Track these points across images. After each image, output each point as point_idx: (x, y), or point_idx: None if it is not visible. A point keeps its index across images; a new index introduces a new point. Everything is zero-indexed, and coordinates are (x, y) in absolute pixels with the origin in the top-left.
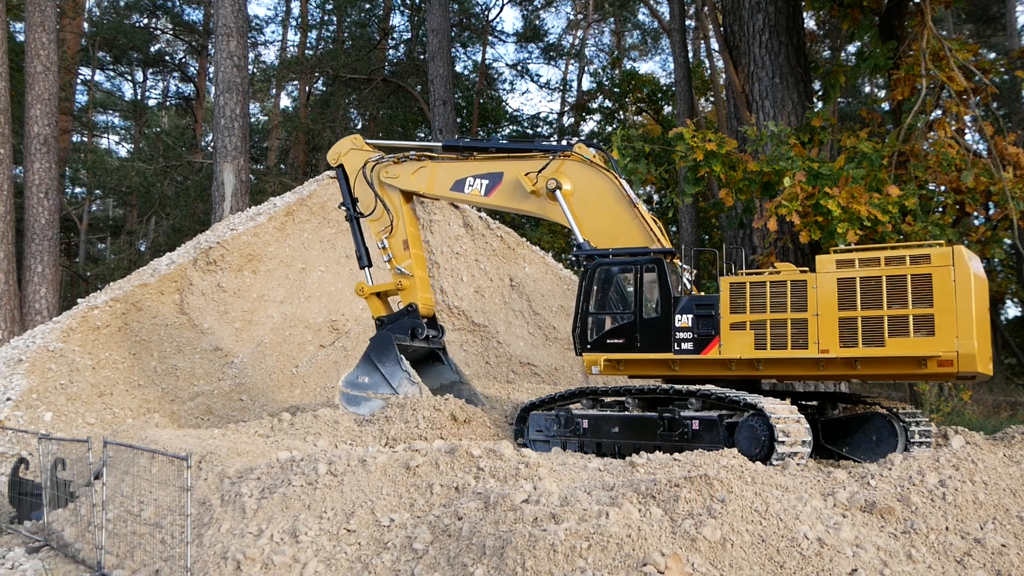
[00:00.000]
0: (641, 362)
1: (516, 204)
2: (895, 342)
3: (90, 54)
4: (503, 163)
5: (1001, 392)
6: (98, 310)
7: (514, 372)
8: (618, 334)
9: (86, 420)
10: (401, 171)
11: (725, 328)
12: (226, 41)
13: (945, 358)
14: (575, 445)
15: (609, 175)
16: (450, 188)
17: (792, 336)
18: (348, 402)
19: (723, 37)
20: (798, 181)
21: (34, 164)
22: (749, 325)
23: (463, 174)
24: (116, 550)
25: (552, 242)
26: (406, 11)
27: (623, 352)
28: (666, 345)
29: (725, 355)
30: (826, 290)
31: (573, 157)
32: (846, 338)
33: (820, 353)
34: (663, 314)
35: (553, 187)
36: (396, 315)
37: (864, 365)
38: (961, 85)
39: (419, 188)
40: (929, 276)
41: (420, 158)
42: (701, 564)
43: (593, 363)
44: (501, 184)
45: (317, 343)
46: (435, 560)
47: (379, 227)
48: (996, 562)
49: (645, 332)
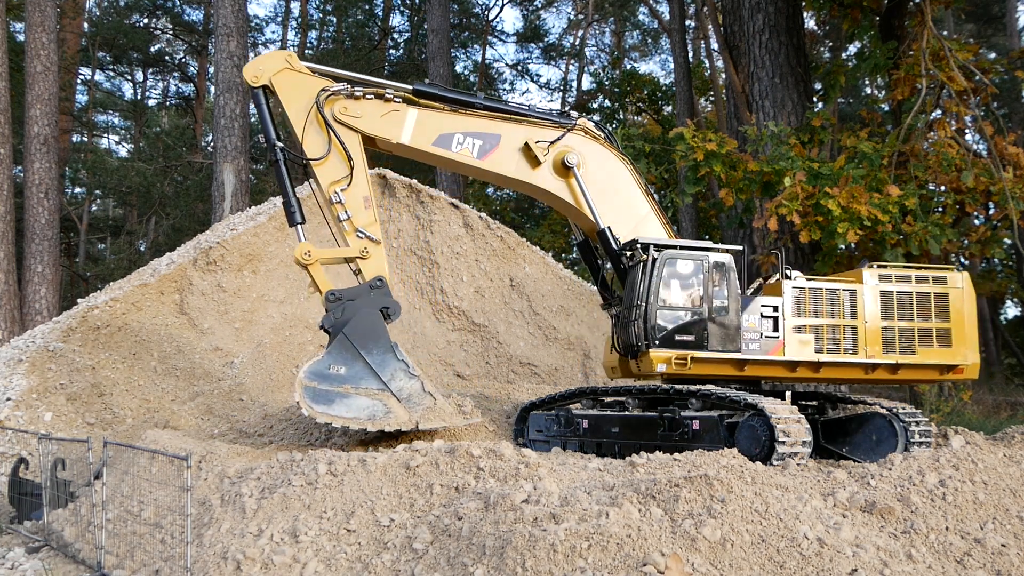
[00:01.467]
0: (711, 360)
1: (514, 173)
2: (923, 351)
3: (90, 54)
4: (501, 124)
5: (1001, 392)
6: (98, 310)
7: (514, 372)
8: (688, 331)
9: (86, 420)
10: (365, 110)
11: (789, 330)
12: (226, 41)
13: (959, 367)
14: (575, 445)
15: (620, 155)
16: (432, 142)
17: (845, 341)
18: (314, 400)
19: (723, 37)
20: (798, 181)
21: (34, 164)
22: (808, 328)
23: (450, 128)
24: (116, 550)
25: (552, 242)
26: (406, 11)
27: (693, 350)
28: (735, 344)
29: (789, 356)
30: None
31: (579, 132)
32: (888, 345)
33: (868, 358)
34: (733, 313)
35: (572, 162)
36: (359, 290)
37: (903, 371)
38: (961, 85)
39: (389, 135)
40: (947, 295)
41: (393, 99)
42: (701, 564)
43: (662, 361)
44: (498, 148)
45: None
46: (435, 560)
47: (333, 176)
48: (996, 562)
49: (715, 330)
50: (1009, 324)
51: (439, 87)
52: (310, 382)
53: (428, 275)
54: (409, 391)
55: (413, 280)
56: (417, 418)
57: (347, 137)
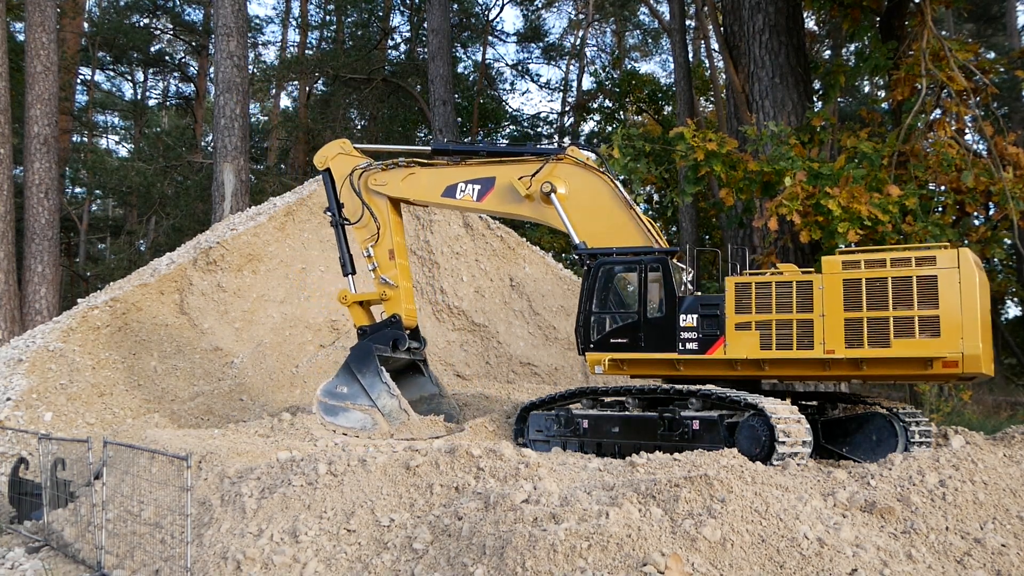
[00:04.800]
0: (645, 362)
1: (509, 208)
2: (901, 343)
3: (90, 54)
4: (495, 168)
5: (1001, 392)
6: (98, 310)
7: (514, 372)
8: (622, 334)
9: (86, 420)
10: (390, 178)
11: (730, 328)
12: (226, 41)
13: (951, 359)
14: (575, 445)
15: (604, 177)
16: (441, 194)
17: (798, 337)
18: (325, 412)
19: (723, 37)
20: (798, 181)
21: (34, 164)
22: (755, 325)
23: (454, 179)
24: (116, 550)
25: (552, 242)
26: (406, 11)
27: (627, 352)
28: (670, 345)
29: (730, 355)
30: (832, 291)
31: (566, 160)
32: (852, 339)
33: (826, 354)
34: (667, 313)
35: (548, 190)
36: (378, 325)
37: (870, 366)
38: (961, 85)
39: (409, 195)
40: (935, 278)
41: (409, 164)
42: (701, 564)
43: (596, 363)
44: (493, 189)
45: (317, 343)
46: (435, 560)
47: (365, 235)
48: (996, 562)
49: (649, 332)
50: (1009, 324)
51: (449, 144)
52: (323, 398)
53: (428, 275)
54: (390, 408)
55: (413, 280)
56: (393, 431)
57: (377, 202)
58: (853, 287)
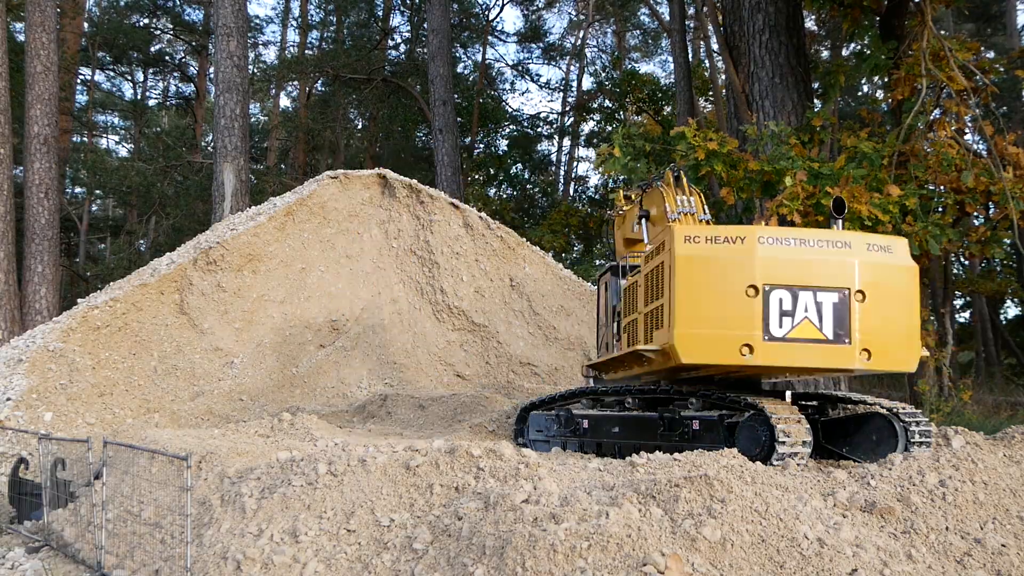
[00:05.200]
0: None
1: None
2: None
3: (90, 54)
4: None
5: (1001, 392)
6: (98, 310)
7: (514, 372)
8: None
9: (86, 420)
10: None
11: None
12: (226, 41)
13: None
14: (575, 445)
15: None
16: None
17: None
18: None
19: (723, 37)
20: (799, 181)
21: (34, 164)
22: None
23: None
24: (116, 550)
25: (552, 242)
26: (406, 11)
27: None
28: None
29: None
30: None
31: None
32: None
33: None
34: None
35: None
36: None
37: None
38: (961, 85)
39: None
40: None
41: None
42: (701, 564)
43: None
44: None
45: (317, 343)
46: (435, 560)
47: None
48: (996, 562)
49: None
50: (1009, 324)
51: None
52: None
53: (428, 275)
54: None
55: (413, 280)
56: None
57: None
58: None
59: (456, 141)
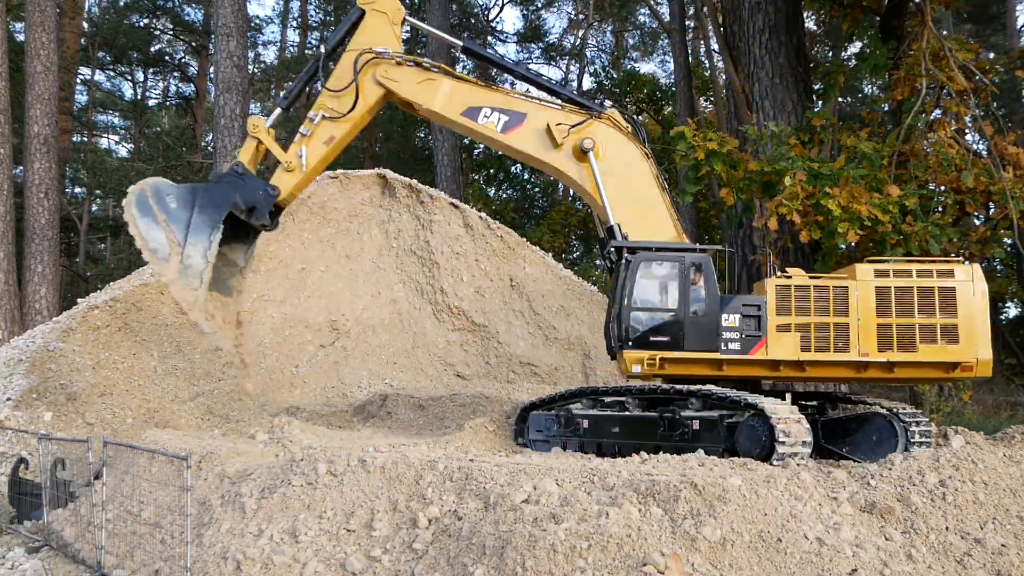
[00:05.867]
0: (687, 361)
1: (534, 151)
2: (925, 348)
3: (90, 54)
4: (528, 104)
5: (1001, 392)
6: (98, 310)
7: (514, 372)
8: (663, 332)
9: (86, 420)
10: (404, 76)
11: (772, 329)
12: (226, 41)
13: (967, 364)
14: (575, 445)
15: (641, 149)
16: (461, 112)
17: (835, 339)
18: (138, 204)
19: (723, 37)
20: (798, 181)
21: (34, 164)
22: (794, 327)
23: (479, 102)
24: (116, 550)
25: (552, 242)
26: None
27: (668, 350)
28: (713, 344)
29: (772, 356)
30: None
31: (606, 120)
32: (883, 343)
33: (860, 356)
34: (710, 313)
35: (588, 147)
36: (255, 181)
37: (900, 368)
38: (961, 85)
39: (421, 101)
40: (954, 289)
41: (432, 68)
42: (701, 564)
43: (636, 362)
44: (522, 125)
45: (317, 343)
46: (435, 560)
47: (329, 105)
48: (996, 562)
49: (691, 330)
50: (1009, 324)
51: (486, 50)
52: (149, 192)
53: (428, 275)
54: (192, 264)
55: (413, 280)
56: (176, 285)
57: (370, 92)
58: (884, 293)
59: (456, 141)
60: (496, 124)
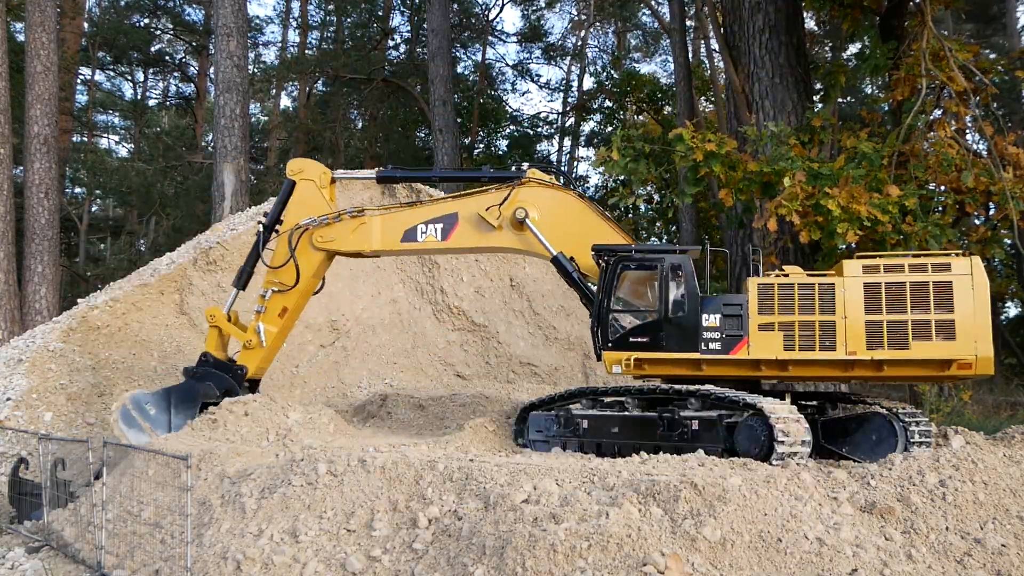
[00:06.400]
0: (667, 361)
1: (478, 242)
2: (919, 345)
3: (90, 54)
4: (453, 203)
5: (1001, 392)
6: (98, 310)
7: (514, 372)
8: (643, 333)
9: (86, 420)
10: (338, 232)
11: (754, 329)
12: (226, 41)
13: (965, 361)
14: (575, 445)
15: (573, 193)
16: (401, 240)
17: (820, 338)
18: (124, 418)
19: (723, 37)
20: (798, 181)
21: (34, 164)
22: (777, 326)
23: (412, 222)
24: (116, 550)
25: None
26: (406, 11)
27: (648, 351)
28: (693, 344)
29: (754, 355)
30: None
31: (529, 183)
32: (872, 341)
33: (848, 355)
34: (690, 313)
35: (522, 216)
36: (221, 366)
37: (890, 367)
38: (961, 85)
39: (364, 247)
40: (950, 284)
41: (358, 214)
42: (701, 564)
43: (616, 362)
44: (458, 225)
45: (317, 343)
46: (435, 560)
47: (274, 279)
48: (996, 562)
49: (670, 331)
50: (1009, 324)
51: (395, 171)
52: (130, 405)
53: (428, 275)
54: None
55: (413, 280)
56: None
57: (312, 259)
58: (873, 290)
59: (456, 141)
60: (435, 235)
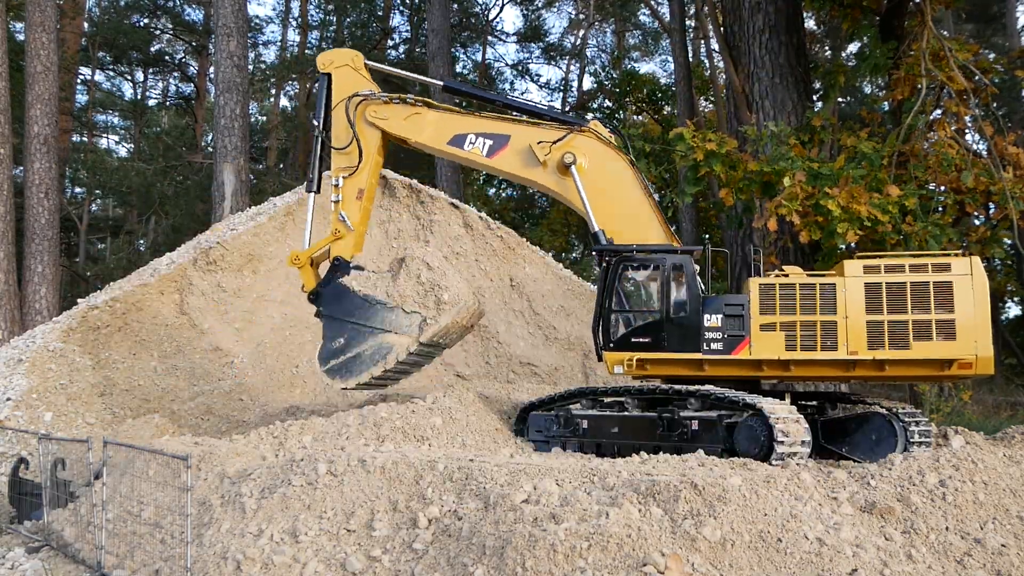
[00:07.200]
0: (669, 362)
1: (521, 171)
2: (920, 345)
3: (90, 54)
4: (510, 125)
5: (1001, 392)
6: (98, 310)
7: (514, 372)
8: (644, 333)
9: (86, 420)
10: (392, 113)
11: (755, 329)
12: (226, 41)
13: (965, 361)
14: (575, 445)
15: (625, 159)
16: (447, 142)
17: (822, 338)
18: (340, 375)
19: (723, 37)
20: (798, 181)
21: (34, 164)
22: (779, 326)
23: (464, 129)
24: (116, 550)
25: (552, 242)
26: (406, 11)
27: (650, 352)
28: (695, 345)
29: (756, 355)
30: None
31: (588, 134)
32: (874, 341)
33: (849, 355)
34: (692, 313)
35: (569, 161)
36: (327, 277)
37: (892, 367)
38: (961, 85)
39: (411, 136)
40: (950, 284)
41: (416, 103)
42: (701, 564)
43: (617, 363)
44: (507, 147)
45: (317, 343)
46: (435, 560)
47: (342, 163)
48: (996, 562)
49: (672, 331)
50: (1009, 324)
51: (463, 85)
52: (327, 365)
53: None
54: (395, 322)
55: None
56: (415, 337)
57: (368, 135)
58: (874, 290)
59: None
60: (482, 149)
